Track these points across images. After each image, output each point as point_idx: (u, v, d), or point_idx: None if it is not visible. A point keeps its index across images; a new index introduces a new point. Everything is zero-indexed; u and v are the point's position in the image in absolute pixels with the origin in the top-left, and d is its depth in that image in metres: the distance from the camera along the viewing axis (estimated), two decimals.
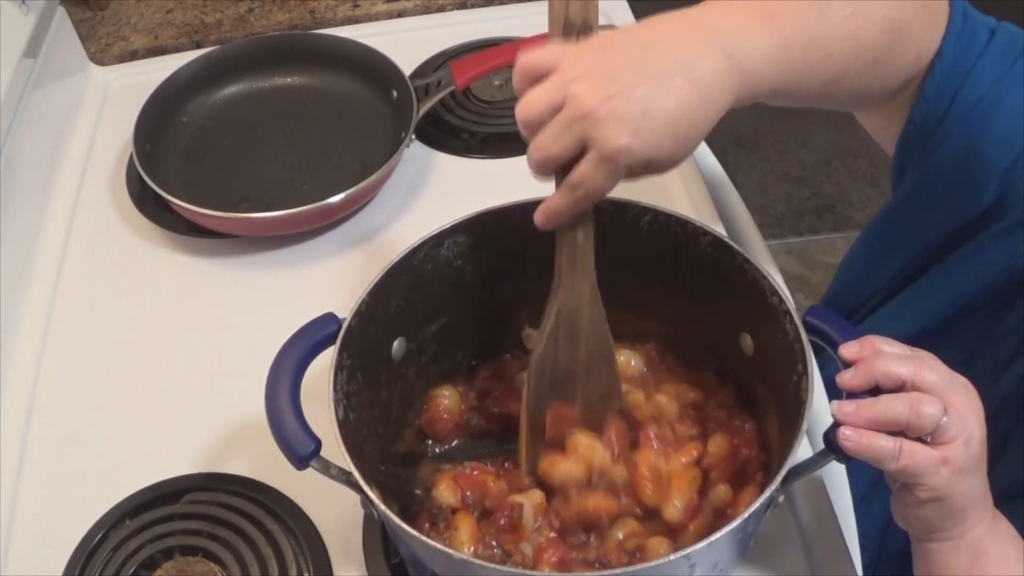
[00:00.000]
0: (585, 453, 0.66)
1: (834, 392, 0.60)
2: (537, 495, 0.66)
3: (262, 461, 0.77)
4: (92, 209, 1.01)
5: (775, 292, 0.64)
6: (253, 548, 0.72)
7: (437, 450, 0.73)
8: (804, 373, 0.60)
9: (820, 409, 0.77)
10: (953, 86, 0.70)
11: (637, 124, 0.56)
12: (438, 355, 0.73)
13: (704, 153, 1.05)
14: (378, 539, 0.71)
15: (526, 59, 0.60)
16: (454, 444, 0.72)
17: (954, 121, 0.71)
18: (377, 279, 0.66)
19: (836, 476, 0.77)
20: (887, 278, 0.82)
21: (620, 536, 0.64)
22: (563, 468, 0.66)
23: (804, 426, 0.57)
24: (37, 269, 0.94)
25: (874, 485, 0.82)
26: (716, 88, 0.58)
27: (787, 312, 0.63)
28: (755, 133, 2.47)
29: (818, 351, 0.63)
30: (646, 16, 0.62)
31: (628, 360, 0.75)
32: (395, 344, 0.69)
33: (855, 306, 0.86)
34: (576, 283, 0.65)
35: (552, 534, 0.65)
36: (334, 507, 0.73)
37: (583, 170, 0.58)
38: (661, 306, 0.73)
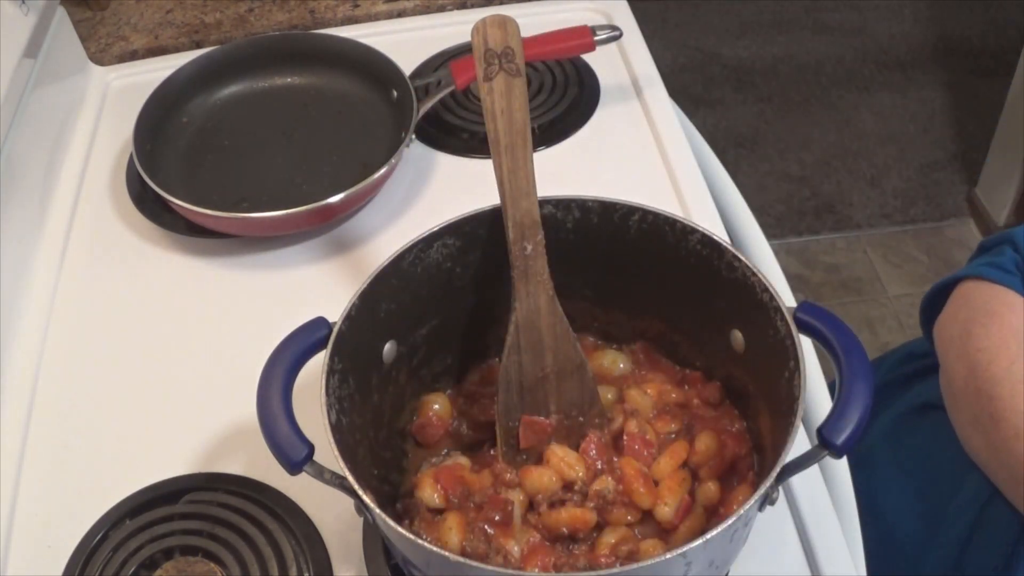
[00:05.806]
0: (558, 465, 0.66)
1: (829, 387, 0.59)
2: (522, 493, 0.66)
3: (262, 461, 0.77)
4: (92, 209, 1.01)
5: (765, 289, 0.64)
6: (253, 548, 0.72)
7: (430, 457, 0.72)
8: (796, 369, 0.60)
9: (812, 405, 0.77)
10: None
11: None
12: (428, 358, 0.73)
13: (704, 153, 1.05)
14: (378, 539, 0.71)
15: None
16: (444, 453, 0.72)
17: None
18: (366, 283, 0.66)
19: (836, 474, 0.77)
20: None
21: (612, 541, 0.64)
22: (534, 478, 0.66)
23: (797, 422, 0.57)
24: (37, 269, 0.95)
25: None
26: None
27: (777, 309, 0.63)
28: (755, 133, 2.46)
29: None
30: (646, 16, 0.61)
31: (615, 361, 0.75)
32: (386, 348, 0.69)
33: None
34: (531, 295, 0.66)
35: (538, 537, 0.65)
36: (334, 507, 0.73)
37: None
38: (651, 305, 0.73)
